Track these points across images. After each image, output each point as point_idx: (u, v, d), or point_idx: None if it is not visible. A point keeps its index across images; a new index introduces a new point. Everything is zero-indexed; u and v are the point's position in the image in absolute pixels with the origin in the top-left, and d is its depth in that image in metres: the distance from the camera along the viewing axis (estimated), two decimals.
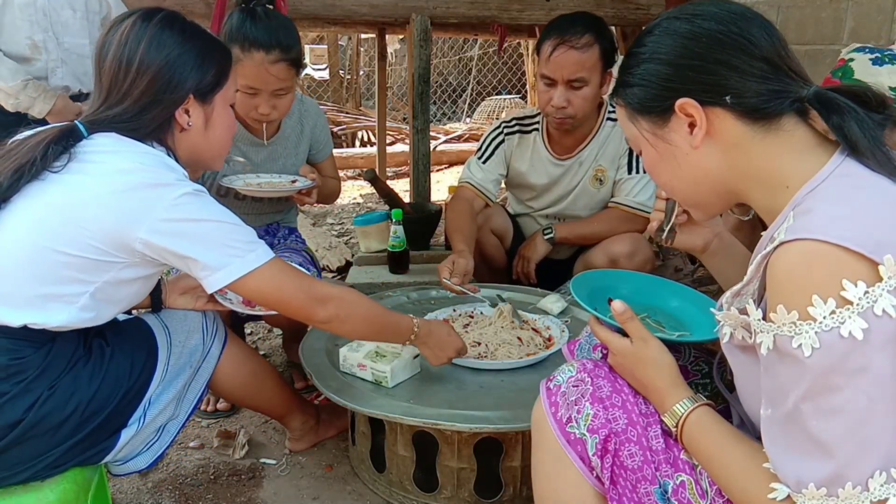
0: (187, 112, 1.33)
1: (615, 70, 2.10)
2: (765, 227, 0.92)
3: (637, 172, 2.32)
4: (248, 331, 2.62)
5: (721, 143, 0.90)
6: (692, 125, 0.90)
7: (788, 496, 0.80)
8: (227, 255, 1.25)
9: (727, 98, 0.87)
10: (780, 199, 0.86)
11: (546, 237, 2.36)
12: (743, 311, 0.86)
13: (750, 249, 1.19)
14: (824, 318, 0.73)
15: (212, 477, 1.80)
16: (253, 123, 2.00)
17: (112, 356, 1.35)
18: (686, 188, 0.97)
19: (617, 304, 1.03)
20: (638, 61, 0.94)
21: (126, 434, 1.36)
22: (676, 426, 0.96)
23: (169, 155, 1.32)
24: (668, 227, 1.16)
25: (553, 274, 2.41)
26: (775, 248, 0.79)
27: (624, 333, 1.04)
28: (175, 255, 1.24)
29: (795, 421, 0.77)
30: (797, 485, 0.78)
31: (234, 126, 1.47)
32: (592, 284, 1.25)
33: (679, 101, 0.89)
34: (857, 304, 0.72)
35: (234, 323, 2.20)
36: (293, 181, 2.06)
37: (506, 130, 2.43)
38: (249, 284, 1.28)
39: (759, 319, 0.81)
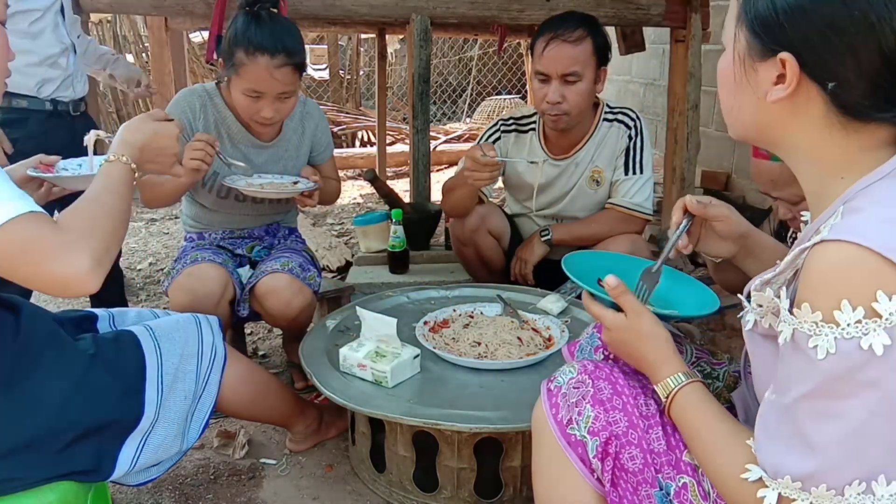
0: None
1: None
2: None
3: (634, 173, 2.32)
4: (248, 331, 2.61)
5: (796, 112, 0.83)
6: (781, 79, 0.82)
7: (760, 479, 0.80)
8: None
9: (829, 85, 0.79)
10: (831, 188, 0.83)
11: (543, 239, 2.36)
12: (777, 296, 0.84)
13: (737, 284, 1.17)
14: (848, 325, 0.71)
15: (212, 477, 1.80)
16: (256, 126, 2.01)
17: (90, 365, 1.31)
18: (737, 118, 0.90)
19: (610, 279, 1.03)
20: None
21: (120, 469, 1.34)
22: (667, 397, 0.97)
23: None
24: (662, 258, 1.17)
25: (552, 274, 2.40)
26: (816, 243, 0.76)
27: (618, 310, 1.04)
28: None
29: (791, 414, 0.77)
30: (774, 472, 0.78)
31: (5, 47, 1.20)
32: (581, 266, 1.23)
33: (783, 55, 0.80)
34: (886, 319, 0.70)
35: (235, 323, 2.20)
36: (295, 182, 2.06)
37: (502, 128, 2.43)
38: None
39: (786, 309, 0.79)
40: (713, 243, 1.19)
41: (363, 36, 7.38)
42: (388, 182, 4.06)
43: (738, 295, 0.96)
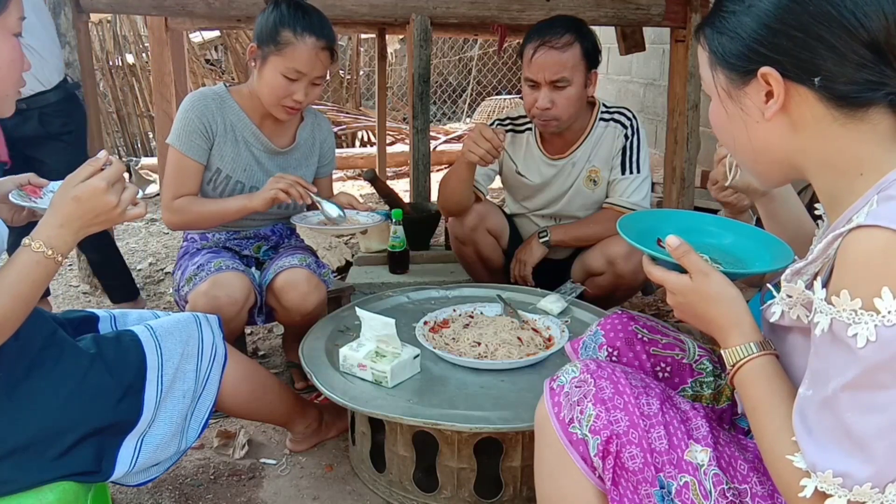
0: None
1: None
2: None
3: (631, 173, 2.32)
4: (248, 331, 2.61)
5: (796, 121, 0.85)
6: (770, 94, 0.84)
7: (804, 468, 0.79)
8: None
9: (815, 80, 0.80)
10: (851, 186, 0.82)
11: (541, 240, 2.36)
12: (808, 287, 0.82)
13: None
14: (889, 312, 0.70)
15: (212, 477, 1.80)
16: (280, 113, 2.00)
17: (91, 365, 1.31)
18: (746, 154, 0.93)
19: (671, 239, 0.97)
20: (735, 9, 0.87)
21: (120, 469, 1.34)
22: (734, 366, 0.93)
23: None
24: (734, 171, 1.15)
25: (551, 274, 2.41)
26: (852, 229, 0.75)
27: (682, 271, 0.98)
28: None
29: (831, 408, 0.75)
30: (813, 467, 0.77)
31: (18, 62, 1.21)
32: (639, 226, 1.14)
33: (762, 70, 0.83)
34: None
35: None
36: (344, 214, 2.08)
37: (498, 128, 2.43)
38: None
39: (822, 300, 0.77)
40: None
41: (363, 36, 7.37)
42: (388, 182, 4.06)
43: (769, 286, 0.94)
